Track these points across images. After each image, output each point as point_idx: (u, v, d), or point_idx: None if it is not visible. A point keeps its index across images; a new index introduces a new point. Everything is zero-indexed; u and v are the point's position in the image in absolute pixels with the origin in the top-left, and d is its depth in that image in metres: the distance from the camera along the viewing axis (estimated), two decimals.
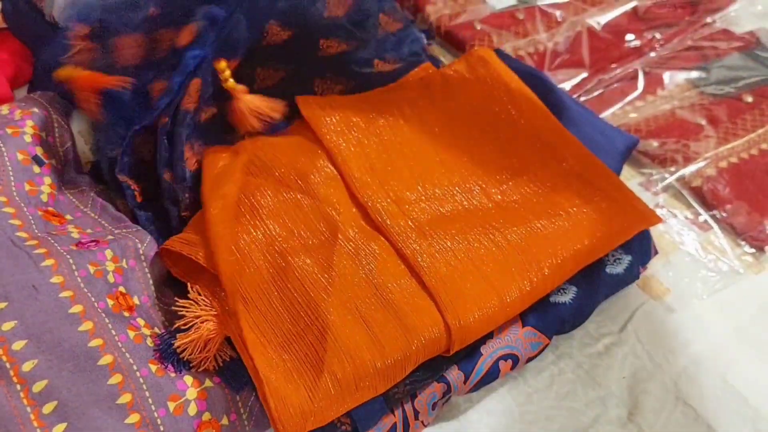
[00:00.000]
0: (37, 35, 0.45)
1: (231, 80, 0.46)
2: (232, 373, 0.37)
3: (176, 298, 0.38)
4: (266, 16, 0.51)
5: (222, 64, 0.45)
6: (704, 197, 0.60)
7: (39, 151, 0.43)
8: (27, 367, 0.33)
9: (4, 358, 0.33)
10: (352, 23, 0.55)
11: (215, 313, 0.37)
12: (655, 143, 0.63)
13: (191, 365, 0.37)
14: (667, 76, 0.69)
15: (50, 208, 0.41)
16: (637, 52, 0.70)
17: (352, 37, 0.55)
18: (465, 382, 0.41)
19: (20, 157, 0.41)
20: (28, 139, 0.43)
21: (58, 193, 0.43)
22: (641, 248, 0.49)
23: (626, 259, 0.48)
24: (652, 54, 0.71)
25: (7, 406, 0.33)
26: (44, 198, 0.41)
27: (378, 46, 0.56)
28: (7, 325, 0.34)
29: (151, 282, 0.41)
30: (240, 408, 0.38)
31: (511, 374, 0.46)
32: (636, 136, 0.61)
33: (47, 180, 0.42)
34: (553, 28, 0.71)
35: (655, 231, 0.52)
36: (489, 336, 0.42)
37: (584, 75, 0.67)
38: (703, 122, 0.65)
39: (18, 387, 0.33)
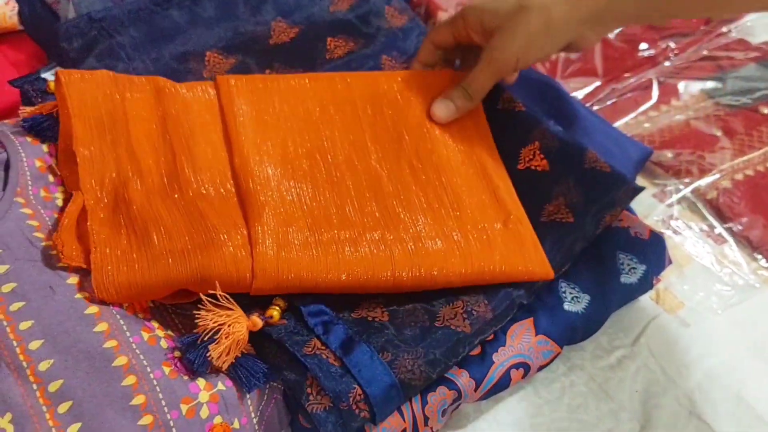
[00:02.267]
0: (54, 38, 0.48)
1: None
2: (245, 369, 0.39)
3: (199, 306, 0.40)
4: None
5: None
6: (720, 210, 0.63)
7: (54, 161, 0.46)
8: (43, 366, 0.36)
9: (21, 357, 0.36)
10: (358, 17, 0.58)
11: (237, 314, 0.39)
12: (669, 154, 0.66)
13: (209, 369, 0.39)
14: (682, 86, 0.72)
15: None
16: (651, 62, 0.73)
17: (358, 34, 0.58)
18: (476, 390, 0.43)
19: (38, 164, 0.44)
20: (45, 148, 0.46)
21: None
22: (656, 257, 0.51)
23: (641, 269, 0.50)
24: (667, 63, 0.74)
25: (23, 405, 0.35)
26: (59, 203, 0.44)
27: (386, 43, 0.59)
28: (24, 325, 0.37)
29: None
30: (251, 412, 0.40)
31: (522, 384, 0.49)
32: (650, 146, 0.64)
33: (61, 188, 0.45)
34: None
35: (670, 243, 0.54)
36: (501, 344, 0.45)
37: (597, 83, 0.70)
38: (719, 134, 0.68)
39: (34, 386, 0.36)
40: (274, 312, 0.41)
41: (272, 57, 0.55)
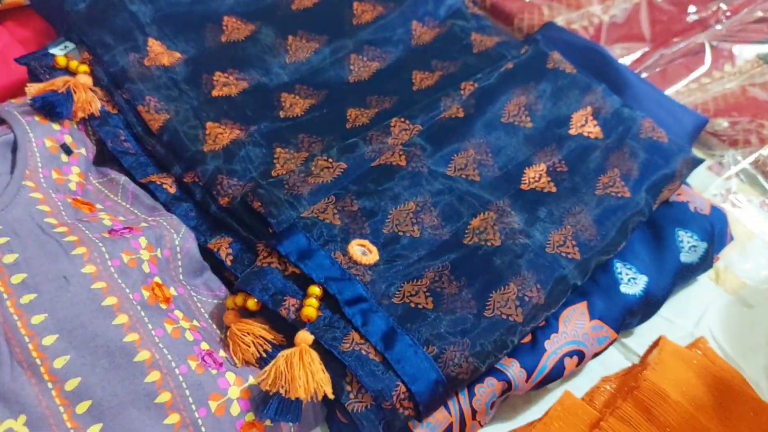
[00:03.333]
0: (61, 13, 0.46)
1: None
2: None
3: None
4: None
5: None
6: None
7: (68, 139, 0.43)
8: (59, 363, 0.33)
9: (35, 354, 0.34)
10: None
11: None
12: (725, 123, 0.61)
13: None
14: (736, 49, 0.67)
15: (79, 197, 0.42)
16: (702, 25, 0.69)
17: None
18: (527, 380, 0.40)
19: (48, 144, 0.42)
20: (56, 126, 0.43)
21: (87, 183, 0.44)
22: (717, 234, 0.48)
23: (702, 247, 0.46)
24: (719, 27, 0.69)
25: (38, 406, 0.33)
26: (72, 187, 0.42)
27: (414, 5, 0.56)
28: (37, 319, 0.34)
29: (188, 273, 0.41)
30: None
31: (575, 372, 0.46)
32: (705, 115, 0.60)
33: (75, 170, 0.43)
34: None
35: (729, 218, 0.51)
36: (554, 330, 0.41)
37: (645, 49, 0.66)
38: None
39: (50, 385, 0.33)
40: (311, 311, 0.38)
41: (295, 23, 0.52)
